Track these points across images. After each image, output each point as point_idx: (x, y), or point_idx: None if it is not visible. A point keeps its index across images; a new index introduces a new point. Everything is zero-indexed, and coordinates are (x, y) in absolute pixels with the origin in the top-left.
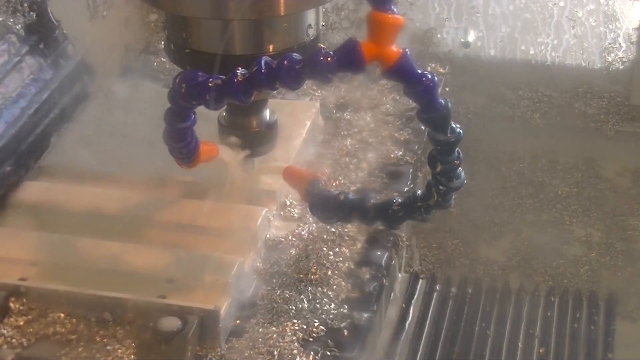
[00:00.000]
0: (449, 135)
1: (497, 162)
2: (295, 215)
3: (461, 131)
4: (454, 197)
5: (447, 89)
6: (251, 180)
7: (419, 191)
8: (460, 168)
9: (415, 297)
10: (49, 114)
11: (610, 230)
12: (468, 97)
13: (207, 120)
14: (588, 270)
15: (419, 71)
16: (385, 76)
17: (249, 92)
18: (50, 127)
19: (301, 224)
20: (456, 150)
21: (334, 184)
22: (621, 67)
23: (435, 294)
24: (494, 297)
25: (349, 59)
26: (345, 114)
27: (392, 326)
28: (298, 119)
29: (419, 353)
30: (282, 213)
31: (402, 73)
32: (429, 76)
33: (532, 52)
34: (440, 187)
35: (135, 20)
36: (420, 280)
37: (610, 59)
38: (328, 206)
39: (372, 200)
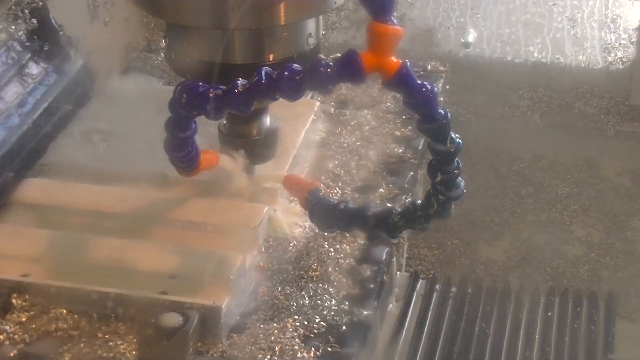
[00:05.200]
0: (448, 145)
1: (497, 162)
2: (297, 212)
3: (460, 141)
4: (453, 206)
5: (448, 87)
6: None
7: (419, 200)
8: (460, 177)
9: (415, 297)
10: (52, 118)
11: (610, 230)
12: (468, 97)
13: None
14: (588, 270)
15: (419, 82)
16: (385, 87)
17: (249, 102)
18: (53, 131)
19: (302, 221)
20: (456, 160)
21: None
22: (621, 67)
23: (435, 293)
24: (494, 297)
25: (349, 70)
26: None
27: (392, 326)
28: (297, 117)
29: (419, 352)
30: (283, 210)
31: (402, 84)
32: (429, 87)
33: (532, 52)
34: (440, 197)
35: (136, 20)
36: (420, 280)
37: (610, 59)
38: (328, 215)
39: (372, 210)
